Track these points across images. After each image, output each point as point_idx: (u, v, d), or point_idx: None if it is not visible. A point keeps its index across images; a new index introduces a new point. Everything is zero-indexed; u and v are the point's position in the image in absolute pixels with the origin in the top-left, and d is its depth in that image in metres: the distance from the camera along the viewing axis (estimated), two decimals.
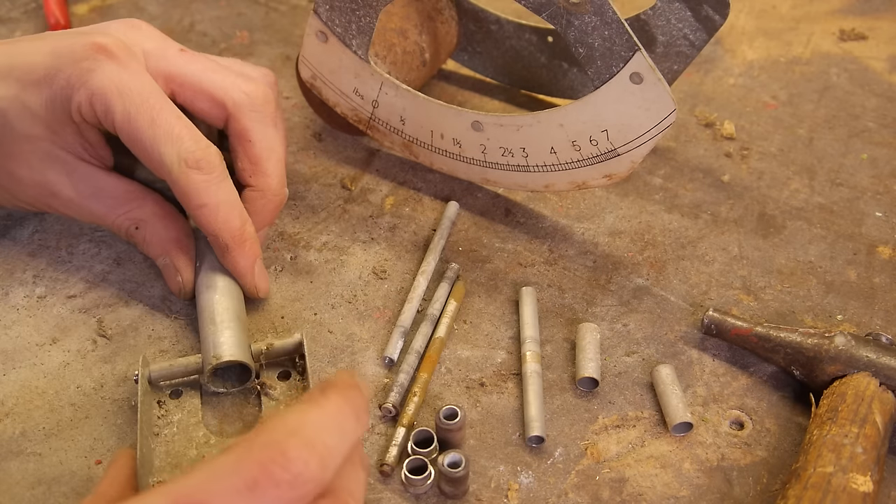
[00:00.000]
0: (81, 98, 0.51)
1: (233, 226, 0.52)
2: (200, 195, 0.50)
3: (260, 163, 0.54)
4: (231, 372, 0.50)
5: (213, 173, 0.51)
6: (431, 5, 0.66)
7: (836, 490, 0.42)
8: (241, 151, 0.55)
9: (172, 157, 0.50)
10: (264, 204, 0.55)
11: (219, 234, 0.51)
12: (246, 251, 0.53)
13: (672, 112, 0.50)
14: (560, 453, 0.48)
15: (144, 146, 0.50)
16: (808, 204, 0.63)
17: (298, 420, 0.34)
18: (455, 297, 0.56)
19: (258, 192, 0.54)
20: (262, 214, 0.55)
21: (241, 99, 0.54)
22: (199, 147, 0.50)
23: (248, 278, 0.53)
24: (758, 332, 0.51)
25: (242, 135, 0.54)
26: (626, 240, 0.61)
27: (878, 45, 0.78)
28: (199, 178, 0.50)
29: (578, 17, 0.49)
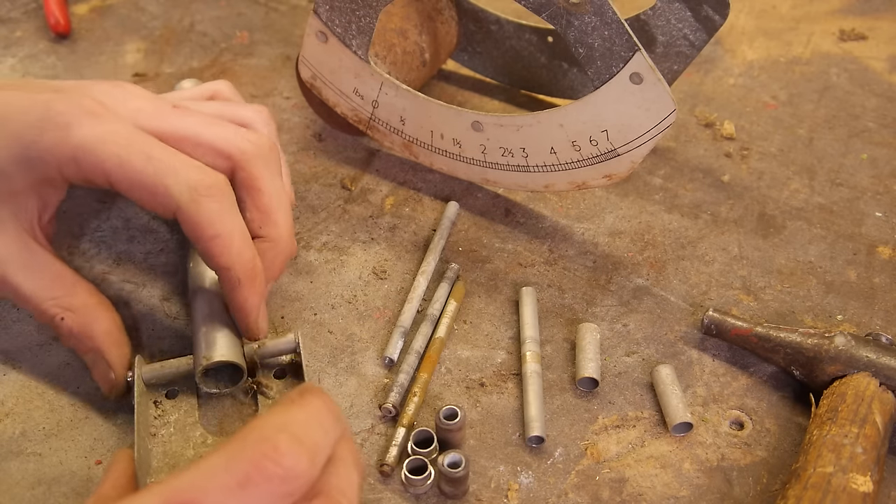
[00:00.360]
0: (64, 156, 0.46)
1: (246, 257, 0.48)
2: (215, 224, 0.47)
3: (270, 213, 0.51)
4: (224, 372, 0.50)
5: (225, 201, 0.47)
6: (431, 5, 0.66)
7: (836, 490, 0.42)
8: (249, 202, 0.51)
9: (181, 186, 0.46)
10: (275, 255, 0.51)
11: (233, 266, 0.48)
12: (256, 287, 0.49)
13: (672, 112, 0.50)
14: (560, 453, 0.48)
15: (145, 185, 0.46)
16: (808, 204, 0.63)
17: (285, 417, 0.34)
18: (455, 297, 0.56)
19: (269, 244, 0.51)
20: (273, 267, 0.51)
21: (248, 148, 0.51)
22: (207, 174, 0.47)
23: (252, 317, 0.49)
24: (758, 332, 0.51)
25: (251, 184, 0.51)
26: (626, 240, 0.61)
27: (878, 45, 0.78)
28: (212, 207, 0.47)
29: (578, 17, 0.49)
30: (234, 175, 0.51)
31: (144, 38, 0.79)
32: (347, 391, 0.51)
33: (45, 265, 0.49)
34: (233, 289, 0.48)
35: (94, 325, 0.49)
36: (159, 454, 0.47)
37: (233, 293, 0.49)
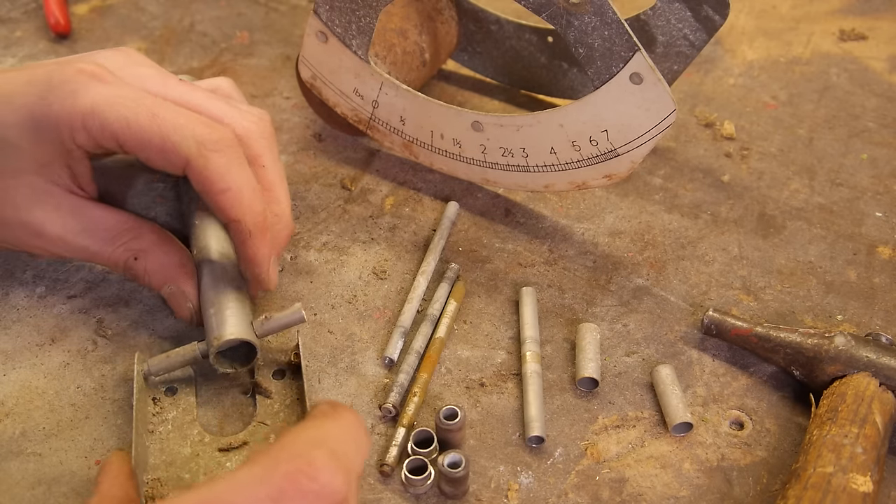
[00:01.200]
0: (73, 123, 0.47)
1: (257, 210, 0.48)
2: (224, 178, 0.47)
3: (273, 188, 0.52)
4: (237, 353, 0.50)
5: (234, 155, 0.48)
6: (431, 5, 0.66)
7: (836, 490, 0.42)
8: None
9: (189, 142, 0.47)
10: (280, 230, 0.52)
11: (243, 218, 0.48)
12: (267, 238, 0.49)
13: (672, 112, 0.50)
14: (560, 453, 0.48)
15: (153, 143, 0.47)
16: (808, 204, 0.63)
17: (320, 432, 0.33)
18: (455, 297, 0.56)
19: (274, 218, 0.52)
20: (277, 240, 0.52)
21: (251, 126, 0.52)
22: (214, 129, 0.48)
23: (264, 268, 0.50)
24: (758, 332, 0.51)
25: (255, 160, 0.51)
26: (626, 240, 0.61)
27: (878, 45, 0.78)
28: (221, 161, 0.47)
29: (578, 17, 0.49)
30: None
31: (144, 38, 0.79)
32: (347, 391, 0.51)
33: (101, 219, 0.51)
34: (244, 241, 0.49)
35: (167, 260, 0.51)
36: (157, 451, 0.47)
37: (244, 246, 0.49)
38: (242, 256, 0.50)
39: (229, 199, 0.48)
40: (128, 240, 0.51)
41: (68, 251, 0.51)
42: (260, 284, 0.51)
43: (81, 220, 0.51)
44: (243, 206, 0.48)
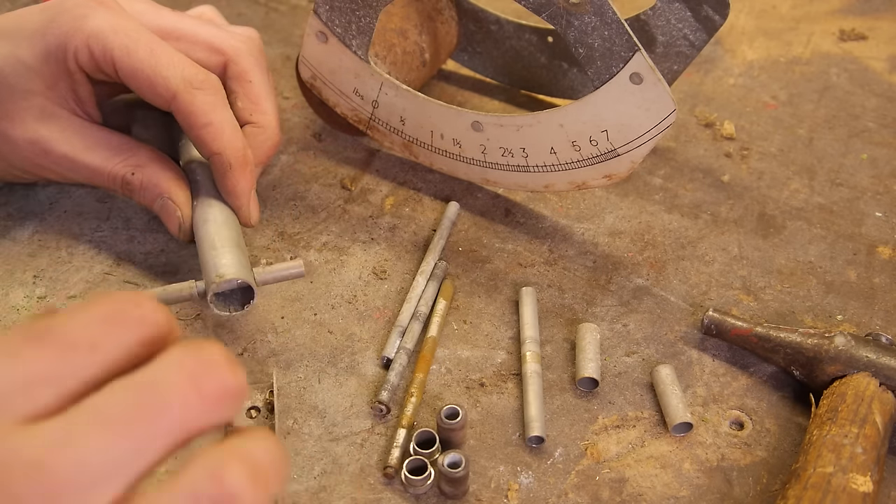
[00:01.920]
0: (78, 43, 0.52)
1: (237, 145, 0.53)
2: (207, 113, 0.52)
3: (260, 101, 0.57)
4: (233, 296, 0.51)
5: (217, 95, 0.53)
6: (431, 5, 0.66)
7: (835, 490, 0.42)
8: (240, 92, 0.57)
9: (177, 78, 0.51)
10: (264, 140, 0.56)
11: (223, 151, 0.52)
12: (247, 172, 0.53)
13: (672, 112, 0.50)
14: (560, 453, 0.48)
15: (146, 74, 0.51)
16: (808, 204, 0.63)
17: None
18: (444, 295, 0.56)
19: (259, 129, 0.56)
20: (261, 150, 0.56)
21: (239, 44, 0.57)
22: (201, 71, 0.53)
23: (244, 200, 0.54)
24: (758, 332, 0.51)
25: (242, 76, 0.57)
26: (626, 240, 0.61)
27: (878, 45, 0.78)
28: (204, 98, 0.52)
29: (578, 17, 0.49)
30: (226, 69, 0.57)
31: None
32: (347, 391, 0.51)
33: (103, 138, 0.55)
34: (224, 174, 0.53)
35: (161, 173, 0.55)
36: None
37: (224, 178, 0.53)
38: (223, 189, 0.54)
39: (210, 133, 0.52)
40: (126, 156, 0.55)
41: (72, 170, 0.55)
42: (241, 218, 0.55)
43: (85, 139, 0.55)
44: (224, 140, 0.52)
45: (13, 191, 0.62)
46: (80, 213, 0.61)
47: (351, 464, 0.48)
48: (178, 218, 0.54)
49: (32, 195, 0.62)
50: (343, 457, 0.48)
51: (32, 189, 0.63)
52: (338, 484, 0.47)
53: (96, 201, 0.62)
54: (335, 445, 0.49)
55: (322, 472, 0.47)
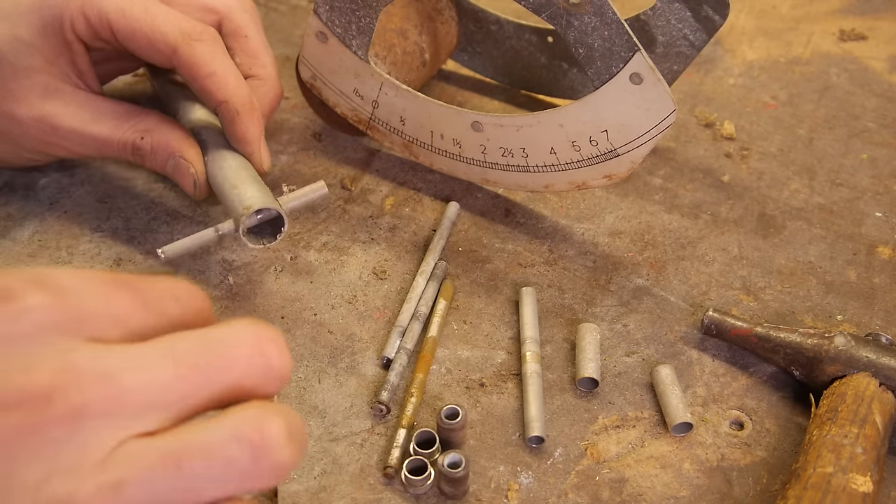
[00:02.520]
0: (73, 11, 0.52)
1: (243, 92, 0.53)
2: (209, 63, 0.52)
3: (258, 55, 0.57)
4: (263, 230, 0.51)
5: (217, 45, 0.53)
6: (431, 5, 0.66)
7: (835, 490, 0.42)
8: (237, 48, 0.57)
9: (175, 32, 0.52)
10: (266, 91, 0.57)
11: (230, 98, 0.52)
12: (255, 118, 0.54)
13: (672, 112, 0.50)
14: (560, 453, 0.48)
15: (144, 32, 0.52)
16: (808, 204, 0.63)
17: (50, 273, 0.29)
18: (444, 295, 0.56)
19: (260, 81, 0.57)
20: (264, 102, 0.57)
21: (232, 2, 0.58)
22: (198, 23, 0.53)
23: (255, 146, 0.54)
24: (758, 332, 0.51)
25: (237, 31, 0.57)
26: (626, 240, 0.61)
27: (878, 45, 0.78)
28: (205, 49, 0.52)
29: (578, 17, 0.49)
30: (221, 27, 0.58)
31: None
32: (347, 391, 0.51)
33: (110, 108, 0.56)
34: (232, 121, 0.53)
35: (170, 134, 0.55)
36: None
37: (233, 126, 0.54)
38: (233, 137, 0.54)
39: (215, 82, 0.52)
40: (134, 122, 0.55)
41: (81, 143, 0.55)
42: (254, 163, 0.55)
43: (91, 110, 0.55)
44: (229, 88, 0.53)
45: (13, 191, 0.62)
46: (80, 213, 0.61)
47: (351, 464, 0.48)
48: (192, 174, 0.54)
49: (32, 195, 0.62)
50: (343, 457, 0.48)
51: (32, 189, 0.63)
52: (338, 484, 0.47)
53: (96, 201, 0.62)
54: (335, 445, 0.49)
55: (322, 472, 0.47)
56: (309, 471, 0.47)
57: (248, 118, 0.53)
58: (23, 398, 0.25)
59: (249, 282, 0.57)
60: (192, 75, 0.53)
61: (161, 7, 0.53)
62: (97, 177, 0.64)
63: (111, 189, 0.63)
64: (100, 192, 0.63)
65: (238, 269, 0.58)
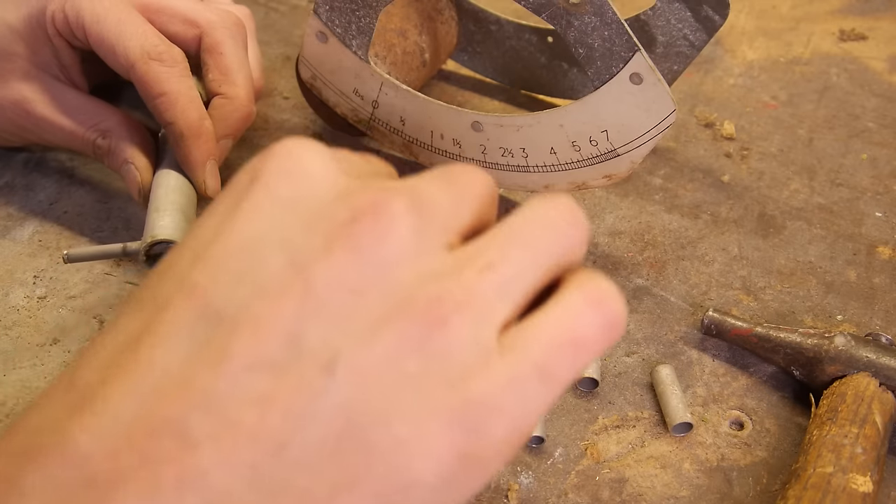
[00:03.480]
0: (55, 7, 0.54)
1: (190, 116, 0.54)
2: (161, 84, 0.53)
3: (230, 73, 0.57)
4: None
5: (175, 67, 0.54)
6: (431, 5, 0.66)
7: (835, 490, 0.42)
8: (211, 64, 0.57)
9: (136, 49, 0.53)
10: (231, 111, 0.57)
11: (175, 121, 0.53)
12: (201, 144, 0.54)
13: (672, 112, 0.50)
14: (560, 453, 0.48)
15: (111, 43, 0.53)
16: (808, 204, 0.63)
17: None
18: None
19: (226, 100, 0.57)
20: (228, 122, 0.57)
21: (214, 18, 0.58)
22: (164, 42, 0.54)
23: (198, 171, 0.55)
24: (758, 332, 0.51)
25: (214, 48, 0.57)
26: (626, 240, 0.61)
27: (878, 45, 0.78)
28: (160, 69, 0.53)
29: (578, 17, 0.49)
30: (200, 41, 0.58)
31: None
32: None
33: (80, 103, 0.57)
34: (176, 143, 0.54)
35: (127, 140, 0.56)
36: None
37: (177, 147, 0.55)
38: (178, 158, 0.55)
39: (163, 103, 0.54)
40: (98, 121, 0.57)
41: (50, 132, 0.57)
42: (196, 187, 0.56)
43: (63, 103, 0.57)
44: (175, 110, 0.53)
45: (13, 191, 0.62)
46: (80, 213, 0.61)
47: None
48: (138, 184, 0.56)
49: (32, 195, 0.62)
50: None
51: (32, 189, 0.63)
52: None
53: (96, 201, 0.62)
54: None
55: None
56: None
57: (192, 142, 0.54)
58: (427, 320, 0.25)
59: None
60: (145, 94, 0.54)
61: (136, 21, 0.54)
62: (97, 177, 0.64)
63: (111, 189, 0.63)
64: (100, 192, 0.63)
65: None
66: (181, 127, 0.54)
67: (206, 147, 0.55)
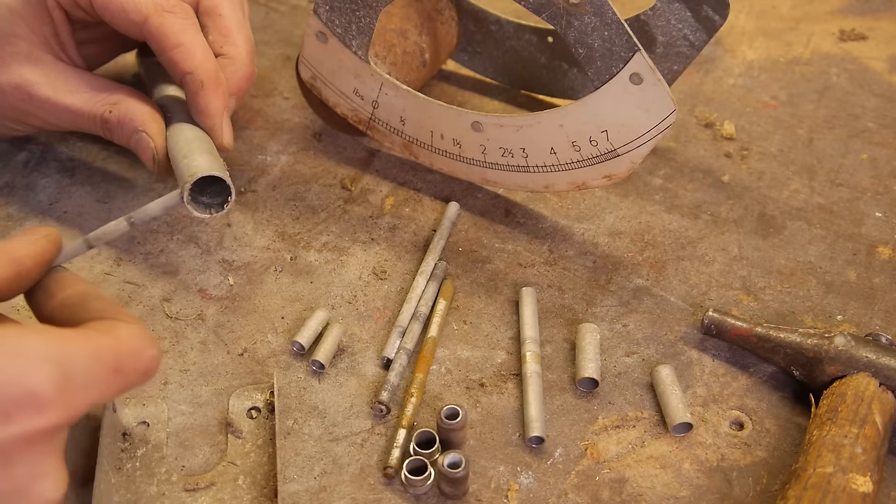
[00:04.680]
0: None
1: (209, 65, 0.53)
2: (178, 34, 0.53)
3: (230, 34, 0.57)
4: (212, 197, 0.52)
5: (189, 19, 0.54)
6: (431, 5, 0.66)
7: (835, 490, 0.42)
8: (211, 26, 0.57)
9: (148, 3, 0.53)
10: (234, 70, 0.57)
11: (195, 70, 0.53)
12: (220, 92, 0.54)
13: (672, 112, 0.50)
14: (560, 454, 0.48)
15: (119, 1, 0.53)
16: (808, 204, 0.63)
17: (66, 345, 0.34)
18: (444, 295, 0.56)
19: (229, 60, 0.57)
20: (233, 81, 0.57)
21: None
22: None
23: (217, 120, 0.54)
24: (758, 332, 0.51)
25: (212, 10, 0.57)
26: (626, 240, 0.61)
27: (878, 45, 0.78)
28: (175, 20, 0.53)
29: (578, 17, 0.49)
30: (198, 4, 0.57)
31: None
32: (347, 391, 0.51)
33: (85, 80, 0.57)
34: (196, 93, 0.54)
35: (136, 109, 0.56)
36: (122, 489, 0.46)
37: (196, 98, 0.54)
38: (195, 109, 0.55)
39: (182, 53, 0.53)
40: (105, 95, 0.56)
41: (55, 114, 0.56)
42: (214, 138, 0.55)
43: (67, 82, 0.56)
44: (195, 60, 0.53)
45: (13, 191, 0.63)
46: (80, 213, 0.61)
47: (351, 464, 0.48)
48: (152, 149, 0.55)
49: (32, 195, 0.62)
50: (343, 457, 0.48)
51: (32, 189, 0.63)
52: (338, 484, 0.47)
53: (96, 201, 0.62)
54: (335, 446, 0.49)
55: (322, 472, 0.47)
56: (309, 471, 0.47)
57: (212, 91, 0.54)
58: None
59: (249, 282, 0.57)
60: (161, 46, 0.53)
61: None
62: (97, 177, 0.64)
63: (111, 189, 0.63)
64: (100, 192, 0.63)
65: (238, 269, 0.58)
66: (201, 76, 0.53)
67: (223, 97, 0.54)
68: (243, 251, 0.59)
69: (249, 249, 0.59)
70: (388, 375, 0.51)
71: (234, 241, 0.60)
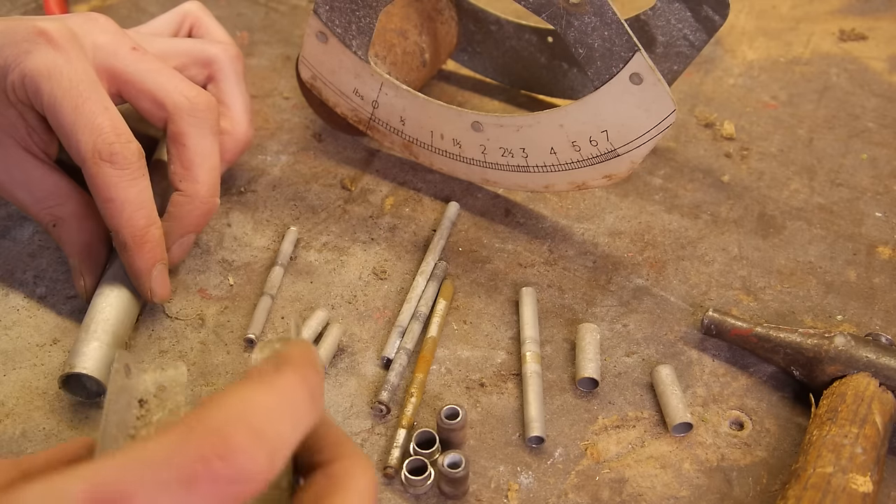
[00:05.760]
0: (15, 78, 0.50)
1: (136, 225, 0.51)
2: (109, 189, 0.50)
3: (192, 168, 0.54)
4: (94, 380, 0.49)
5: (127, 169, 0.50)
6: (431, 5, 0.66)
7: (835, 490, 0.42)
8: (174, 154, 0.54)
9: (88, 146, 0.49)
10: (190, 210, 0.54)
11: (119, 230, 0.51)
12: (145, 253, 0.51)
13: (672, 112, 0.50)
14: (560, 454, 0.48)
15: (65, 132, 0.50)
16: (808, 204, 0.63)
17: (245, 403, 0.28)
18: (444, 295, 0.56)
19: (185, 198, 0.54)
20: (187, 220, 0.54)
21: (181, 102, 0.53)
22: (119, 140, 0.50)
23: (143, 279, 0.52)
24: (758, 332, 0.51)
25: (177, 138, 0.54)
26: (626, 240, 0.61)
27: (878, 45, 0.78)
28: (110, 172, 0.50)
29: (578, 17, 0.49)
30: (167, 126, 0.54)
31: None
32: (347, 391, 0.51)
33: (38, 179, 0.54)
34: (120, 251, 0.52)
35: (76, 237, 0.54)
36: None
37: (121, 255, 0.52)
38: (124, 264, 0.53)
39: (110, 210, 0.50)
40: (52, 205, 0.54)
41: (9, 198, 0.55)
42: (144, 297, 0.53)
43: (21, 174, 0.54)
44: (121, 219, 0.50)
45: None
46: None
47: None
48: (81, 286, 0.54)
49: None
50: None
51: None
52: None
53: None
54: None
55: None
56: None
57: (136, 252, 0.51)
58: None
59: (249, 282, 0.57)
60: (93, 195, 0.51)
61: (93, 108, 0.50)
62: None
63: None
64: None
65: (238, 269, 0.58)
66: (125, 237, 0.51)
67: (150, 255, 0.52)
68: (243, 251, 0.59)
69: (249, 249, 0.59)
70: (388, 375, 0.51)
71: (234, 241, 0.60)
